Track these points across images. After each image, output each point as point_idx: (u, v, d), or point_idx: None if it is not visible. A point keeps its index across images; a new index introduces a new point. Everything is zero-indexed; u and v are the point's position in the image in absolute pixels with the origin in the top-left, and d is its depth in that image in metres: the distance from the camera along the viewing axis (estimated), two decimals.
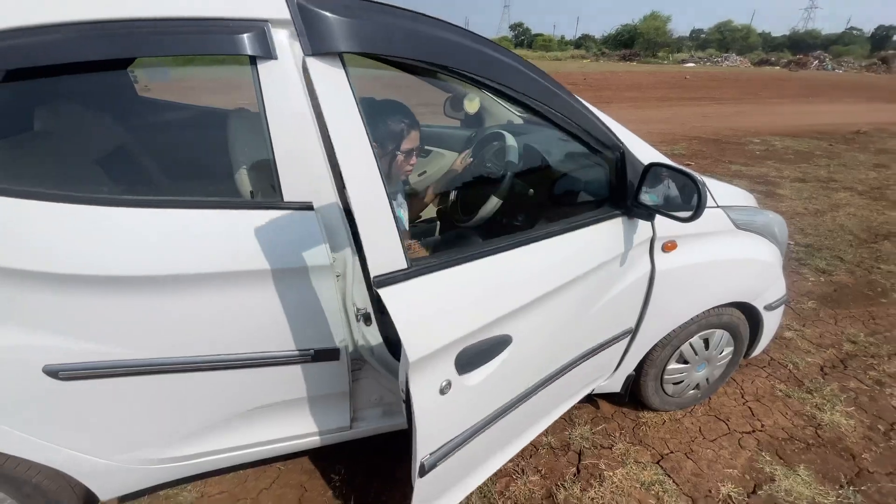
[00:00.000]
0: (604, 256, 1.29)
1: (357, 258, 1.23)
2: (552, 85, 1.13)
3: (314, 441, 1.40)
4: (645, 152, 1.37)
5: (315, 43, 0.74)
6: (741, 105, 12.35)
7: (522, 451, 1.68)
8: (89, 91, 1.25)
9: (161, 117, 1.65)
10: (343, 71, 0.79)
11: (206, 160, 1.29)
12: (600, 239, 1.29)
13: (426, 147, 2.48)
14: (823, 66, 35.96)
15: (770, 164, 6.02)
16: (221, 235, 1.04)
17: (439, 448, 1.04)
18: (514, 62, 1.05)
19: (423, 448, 1.01)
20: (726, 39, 61.18)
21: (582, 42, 67.18)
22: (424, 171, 2.44)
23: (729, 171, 5.58)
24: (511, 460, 1.66)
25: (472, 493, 1.53)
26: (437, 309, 0.93)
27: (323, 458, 1.65)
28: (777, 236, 1.76)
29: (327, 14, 0.75)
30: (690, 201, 1.19)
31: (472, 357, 1.00)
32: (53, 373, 1.02)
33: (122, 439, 1.18)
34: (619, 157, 1.25)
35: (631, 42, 52.85)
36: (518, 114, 2.43)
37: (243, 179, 1.21)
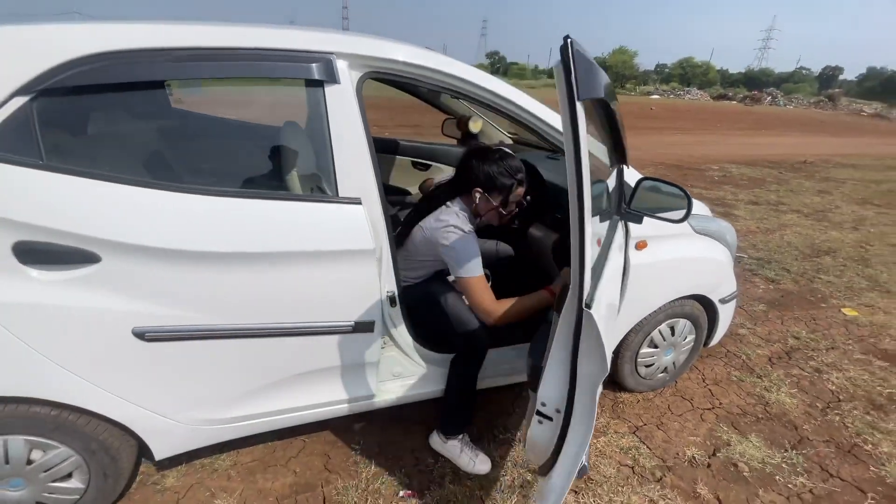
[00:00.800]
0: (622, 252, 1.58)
1: (389, 247, 1.48)
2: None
3: (343, 408, 1.60)
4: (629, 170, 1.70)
5: (584, 90, 0.81)
6: (701, 135, 13.30)
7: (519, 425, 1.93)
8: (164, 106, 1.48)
9: (225, 129, 1.89)
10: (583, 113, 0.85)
11: (266, 163, 1.52)
12: (621, 238, 1.58)
13: (426, 162, 2.77)
14: (776, 102, 38.82)
15: (727, 188, 6.60)
16: (288, 222, 1.28)
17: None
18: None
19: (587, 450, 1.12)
20: (688, 74, 65.20)
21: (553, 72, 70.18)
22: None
23: (691, 193, 6.08)
24: (510, 432, 1.91)
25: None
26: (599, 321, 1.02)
27: (341, 431, 1.85)
28: (728, 241, 2.11)
29: (590, 69, 0.89)
30: (681, 206, 1.52)
31: None
32: (140, 334, 1.22)
33: (188, 400, 1.37)
34: (620, 171, 1.57)
35: None
36: (507, 135, 2.76)
37: (294, 180, 1.45)
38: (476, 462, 1.69)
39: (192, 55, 1.16)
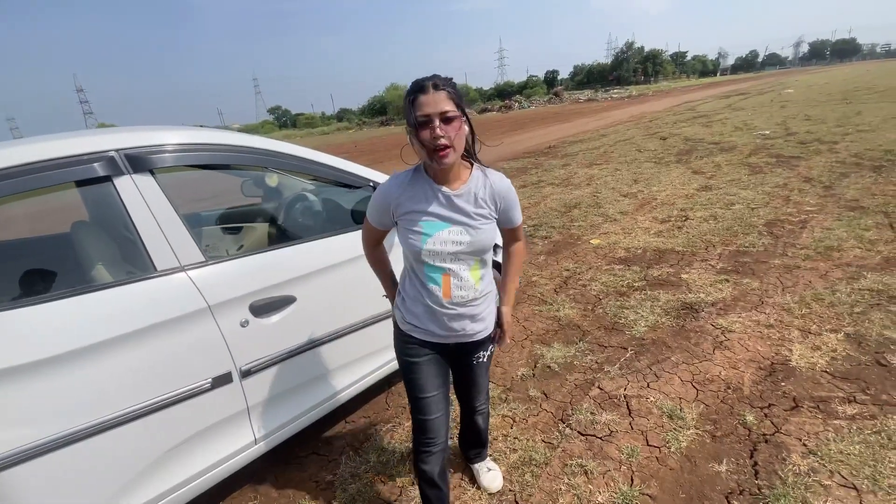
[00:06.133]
0: None
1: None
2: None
3: (230, 465, 1.66)
4: None
5: None
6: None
7: (392, 404, 2.25)
8: None
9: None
10: None
11: (72, 266, 1.52)
12: None
13: (237, 224, 2.88)
14: (521, 105, 47.90)
15: None
16: (117, 308, 1.36)
17: None
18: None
19: None
20: None
21: (343, 115, 72.90)
22: (242, 245, 2.83)
23: None
24: (388, 418, 2.20)
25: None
26: None
27: (241, 491, 1.87)
28: None
29: None
30: None
31: None
32: None
33: None
34: (372, 189, 2.03)
35: (383, 110, 60.04)
36: (308, 182, 3.08)
37: (101, 271, 1.52)
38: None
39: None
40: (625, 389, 2.22)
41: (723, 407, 2.05)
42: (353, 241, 1.99)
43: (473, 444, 1.79)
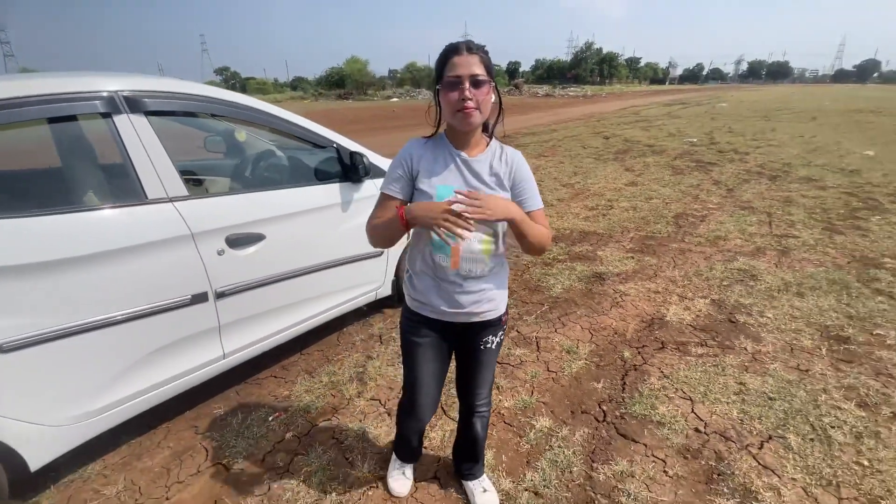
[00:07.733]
0: (339, 199, 2.36)
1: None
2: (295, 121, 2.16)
3: (200, 374, 1.96)
4: (356, 148, 2.51)
5: None
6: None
7: (343, 341, 2.62)
8: None
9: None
10: None
11: (70, 190, 1.74)
12: (334, 191, 2.36)
13: (201, 177, 3.07)
14: None
15: None
16: (115, 225, 1.61)
17: None
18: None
19: None
20: (416, 77, 74.34)
21: (297, 84, 69.91)
22: None
23: None
24: (339, 352, 2.57)
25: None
26: None
27: (201, 407, 2.17)
28: None
29: None
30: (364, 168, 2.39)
31: None
32: None
33: (53, 400, 1.55)
34: (336, 150, 2.35)
35: (342, 83, 58.14)
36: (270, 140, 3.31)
37: (91, 196, 1.75)
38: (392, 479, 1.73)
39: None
40: (537, 333, 2.73)
41: (609, 346, 2.59)
42: (316, 195, 2.31)
43: (468, 456, 1.66)
